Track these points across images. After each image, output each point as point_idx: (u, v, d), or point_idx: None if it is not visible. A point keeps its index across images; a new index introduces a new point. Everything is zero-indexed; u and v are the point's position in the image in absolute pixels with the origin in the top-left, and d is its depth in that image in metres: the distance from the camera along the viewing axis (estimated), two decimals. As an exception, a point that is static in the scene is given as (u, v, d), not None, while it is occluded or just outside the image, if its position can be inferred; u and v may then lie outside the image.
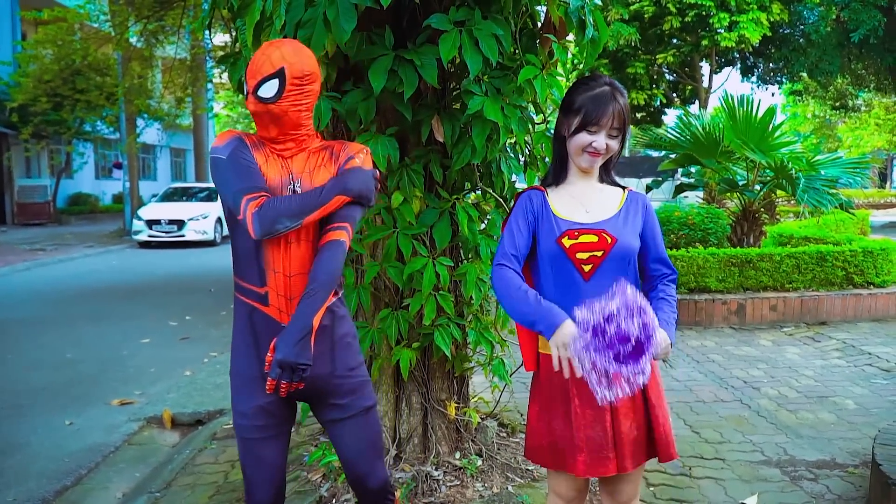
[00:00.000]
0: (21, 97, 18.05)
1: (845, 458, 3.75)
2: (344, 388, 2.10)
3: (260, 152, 2.01)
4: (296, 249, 2.00)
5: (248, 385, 2.04)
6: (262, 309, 2.01)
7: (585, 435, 1.95)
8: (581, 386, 1.93)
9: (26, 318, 8.02)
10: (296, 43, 2.00)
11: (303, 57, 1.96)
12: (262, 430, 2.05)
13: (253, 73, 1.94)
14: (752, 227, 8.27)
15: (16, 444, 4.24)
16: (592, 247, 1.96)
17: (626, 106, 2.00)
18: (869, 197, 30.01)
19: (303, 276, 2.00)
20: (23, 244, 16.08)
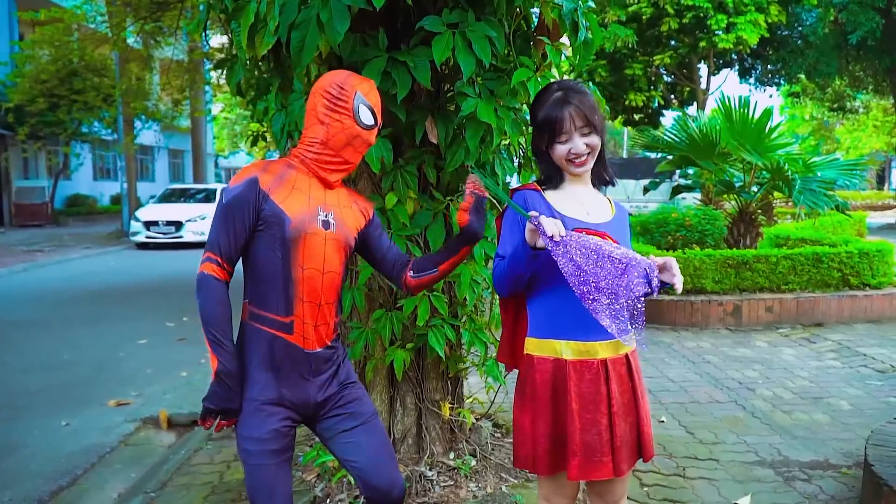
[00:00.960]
0: (17, 98, 18.04)
1: (839, 459, 3.77)
2: (351, 397, 2.14)
3: (286, 182, 2.02)
4: (329, 279, 2.05)
5: (264, 410, 2.01)
6: (285, 337, 2.01)
7: (582, 439, 1.93)
8: (580, 389, 1.94)
9: (23, 320, 8.03)
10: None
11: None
12: (276, 455, 2.02)
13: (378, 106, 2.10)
14: (748, 228, 8.28)
15: (12, 444, 4.25)
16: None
17: (584, 101, 1.99)
18: (866, 199, 30.04)
19: (331, 306, 2.08)
20: (20, 245, 16.08)
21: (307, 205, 2.02)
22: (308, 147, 2.06)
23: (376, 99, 2.10)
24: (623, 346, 2.00)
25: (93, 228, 21.62)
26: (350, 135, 2.03)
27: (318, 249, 2.02)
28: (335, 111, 2.01)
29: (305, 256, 2.00)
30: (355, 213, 2.16)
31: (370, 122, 2.06)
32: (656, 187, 10.92)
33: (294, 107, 2.73)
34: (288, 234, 1.97)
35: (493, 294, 3.32)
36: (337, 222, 2.07)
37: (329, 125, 2.02)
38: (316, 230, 2.01)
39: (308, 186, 2.05)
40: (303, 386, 2.06)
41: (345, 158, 2.07)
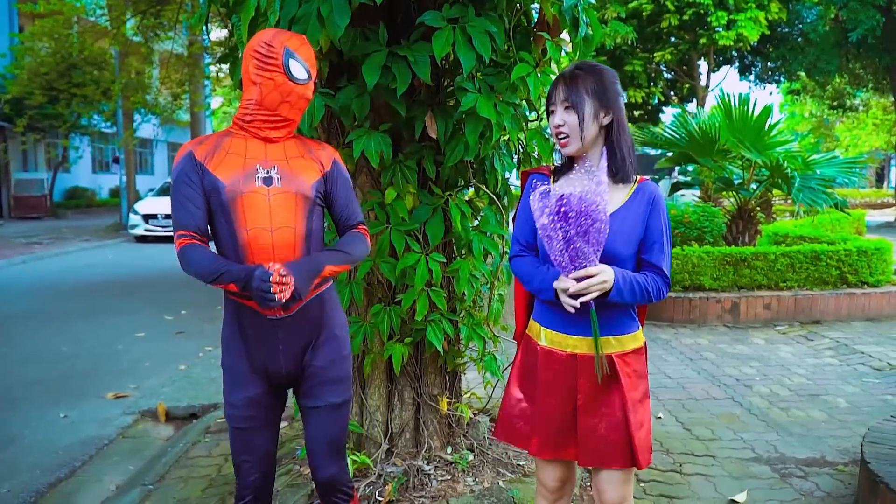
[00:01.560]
0: (16, 90, 18.01)
1: (835, 456, 3.78)
2: (319, 379, 2.16)
3: (220, 150, 2.03)
4: (280, 236, 2.02)
5: (237, 378, 2.11)
6: (249, 304, 2.04)
7: (544, 421, 2.03)
8: (547, 376, 2.02)
9: (22, 312, 8.03)
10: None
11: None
12: (251, 420, 2.12)
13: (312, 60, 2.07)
14: (747, 225, 8.29)
15: (10, 436, 4.25)
16: None
17: (577, 77, 1.95)
18: (865, 197, 30.04)
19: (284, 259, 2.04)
20: (19, 238, 16.07)
21: (242, 165, 2.02)
22: (244, 109, 2.05)
23: (308, 53, 2.06)
24: (605, 346, 1.98)
25: (91, 221, 21.61)
26: (283, 91, 2.01)
27: (262, 207, 2.00)
28: (266, 69, 1.99)
29: (247, 217, 1.99)
30: (309, 163, 2.11)
31: (303, 77, 2.03)
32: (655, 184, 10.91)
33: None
34: (224, 198, 1.99)
35: (491, 290, 3.32)
36: (282, 175, 2.04)
37: (261, 84, 2.00)
38: (254, 189, 2.00)
39: (244, 148, 2.05)
40: (272, 353, 2.09)
41: (282, 116, 2.05)
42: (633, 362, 2.03)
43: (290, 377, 2.15)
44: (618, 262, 1.95)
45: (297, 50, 2.02)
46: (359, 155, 2.75)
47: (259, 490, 2.20)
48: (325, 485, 2.24)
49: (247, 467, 2.16)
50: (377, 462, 3.15)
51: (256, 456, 2.15)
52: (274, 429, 2.20)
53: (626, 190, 2.01)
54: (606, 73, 2.00)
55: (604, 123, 1.98)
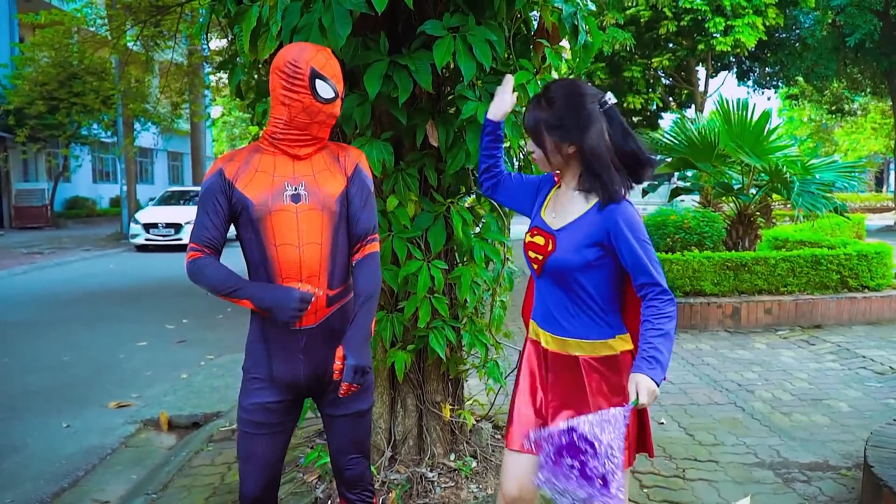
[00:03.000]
0: (17, 100, 18.05)
1: (838, 461, 3.78)
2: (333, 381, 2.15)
3: (250, 167, 2.06)
4: (309, 252, 2.05)
5: (254, 383, 2.15)
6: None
7: (518, 410, 2.13)
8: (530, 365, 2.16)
9: (23, 322, 8.03)
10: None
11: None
12: (258, 427, 2.14)
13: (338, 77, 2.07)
14: (747, 230, 8.31)
15: (12, 446, 4.26)
16: (539, 249, 2.04)
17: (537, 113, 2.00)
18: (865, 201, 30.07)
19: (315, 278, 2.07)
20: (20, 248, 16.08)
21: (270, 184, 2.04)
22: (274, 127, 2.07)
23: (334, 68, 2.05)
24: (568, 347, 2.05)
25: (92, 231, 21.63)
26: (312, 112, 2.02)
27: (290, 224, 2.03)
28: (293, 90, 1.99)
29: (276, 234, 2.03)
30: (335, 174, 2.12)
31: (329, 96, 2.03)
32: (655, 190, 10.94)
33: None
34: (254, 216, 2.03)
35: (493, 296, 3.33)
36: (310, 192, 2.06)
37: (290, 105, 2.01)
38: (283, 206, 2.03)
39: (272, 166, 2.07)
40: (293, 363, 2.11)
41: (312, 135, 2.07)
42: (606, 367, 2.02)
43: (310, 387, 2.17)
44: (565, 268, 1.98)
45: (322, 68, 2.01)
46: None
47: (258, 499, 2.20)
48: (354, 481, 2.28)
49: (247, 473, 2.18)
50: (381, 469, 3.15)
51: (258, 464, 2.16)
52: (281, 439, 2.20)
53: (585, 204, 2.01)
54: (570, 103, 1.97)
55: (568, 153, 1.99)
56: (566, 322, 2.04)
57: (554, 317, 2.06)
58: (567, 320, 2.04)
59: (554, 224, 2.05)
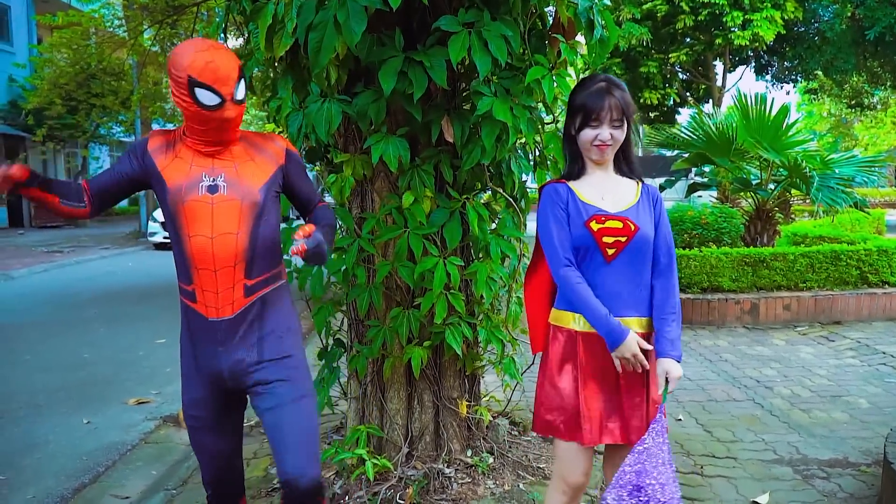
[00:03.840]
0: (36, 100, 18.22)
1: (858, 457, 3.74)
2: (273, 375, 2.11)
3: (172, 149, 2.08)
4: (221, 243, 2.03)
5: (185, 378, 2.21)
6: (192, 306, 2.08)
7: (591, 406, 2.12)
8: (588, 359, 2.13)
9: (43, 320, 8.12)
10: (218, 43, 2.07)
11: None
12: (197, 421, 2.20)
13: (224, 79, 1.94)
14: (765, 226, 8.23)
15: (34, 443, 4.31)
16: (617, 232, 2.09)
17: (623, 97, 2.11)
18: (885, 196, 29.71)
19: (230, 270, 2.04)
20: (40, 246, 16.26)
21: (187, 173, 2.03)
22: (184, 125, 2.08)
23: (217, 72, 1.91)
24: (638, 326, 2.14)
25: (111, 229, 21.82)
26: (201, 119, 1.97)
27: (204, 215, 2.02)
28: (179, 97, 1.97)
29: (190, 224, 2.02)
30: (260, 165, 2.10)
31: (213, 103, 1.93)
32: (672, 185, 10.87)
33: (311, 109, 2.75)
34: (168, 200, 2.04)
35: (509, 292, 3.33)
36: (229, 183, 2.04)
37: (185, 109, 1.99)
38: (198, 197, 2.02)
39: (191, 155, 2.06)
40: (214, 355, 2.10)
41: (211, 139, 2.03)
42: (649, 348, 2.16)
43: (234, 380, 2.12)
44: (649, 240, 2.14)
45: (200, 75, 1.90)
46: (377, 160, 2.77)
47: (216, 488, 2.28)
48: (304, 492, 2.05)
49: (202, 464, 2.26)
50: (398, 465, 3.16)
51: (206, 455, 2.24)
52: (225, 434, 2.22)
53: (634, 185, 2.22)
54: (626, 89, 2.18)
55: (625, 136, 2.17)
56: (638, 303, 2.15)
57: (625, 300, 2.13)
58: (639, 301, 2.15)
59: (618, 207, 2.13)
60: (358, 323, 3.28)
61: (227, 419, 2.24)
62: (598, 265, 2.12)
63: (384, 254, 3.09)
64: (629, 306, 2.14)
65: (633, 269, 2.14)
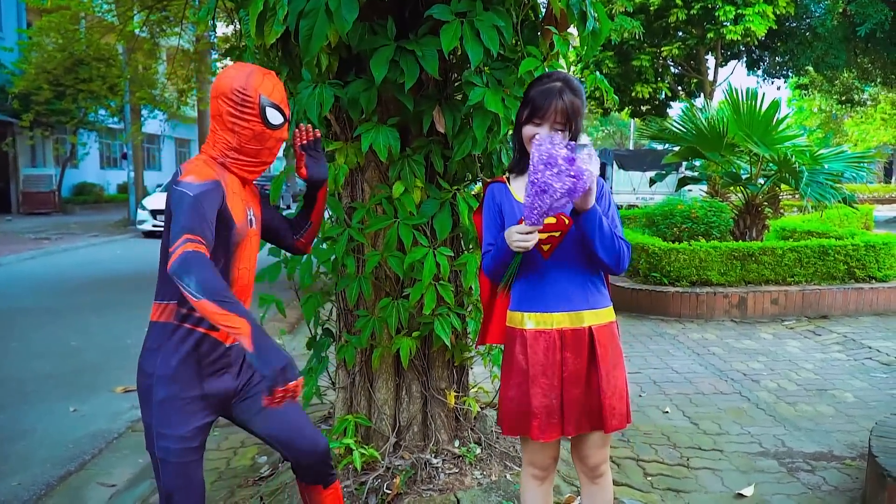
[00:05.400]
0: (23, 85, 18.05)
1: (843, 451, 3.77)
2: (256, 379, 2.19)
3: (227, 186, 2.03)
4: (252, 274, 2.16)
5: (188, 406, 2.03)
6: (211, 334, 2.04)
7: (540, 402, 2.13)
8: (538, 357, 2.14)
9: (31, 307, 8.07)
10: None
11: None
12: (196, 452, 2.05)
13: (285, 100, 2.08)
14: (754, 220, 8.27)
15: (21, 430, 4.29)
16: (551, 228, 2.10)
17: (573, 103, 2.08)
18: (873, 192, 29.92)
19: (247, 300, 2.16)
20: (28, 233, 16.14)
21: (243, 207, 2.08)
22: (223, 152, 2.05)
23: (281, 94, 2.07)
24: (584, 320, 2.15)
25: (100, 217, 21.68)
26: (262, 139, 2.04)
27: (250, 248, 2.11)
28: (242, 118, 1.99)
29: (242, 257, 2.08)
30: (259, 202, 2.23)
31: (279, 122, 2.05)
32: (662, 179, 10.91)
33: (303, 95, 2.73)
34: (233, 238, 2.03)
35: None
36: (255, 217, 2.15)
37: (239, 133, 2.01)
38: (248, 231, 2.09)
39: (240, 188, 2.10)
40: (222, 378, 2.11)
41: (262, 160, 2.09)
42: (608, 334, 2.19)
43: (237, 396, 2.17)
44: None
45: (271, 95, 2.02)
46: (367, 149, 2.76)
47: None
48: (324, 457, 2.26)
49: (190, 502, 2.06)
50: (385, 455, 3.17)
51: (198, 492, 2.07)
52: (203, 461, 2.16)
53: None
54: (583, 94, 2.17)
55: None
56: (580, 295, 2.16)
57: (567, 294, 2.15)
58: (581, 293, 2.16)
59: None
60: (347, 313, 3.27)
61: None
62: (537, 262, 2.15)
63: (374, 244, 3.09)
64: (556, 302, 2.14)
65: (572, 262, 2.16)
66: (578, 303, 2.15)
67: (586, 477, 2.33)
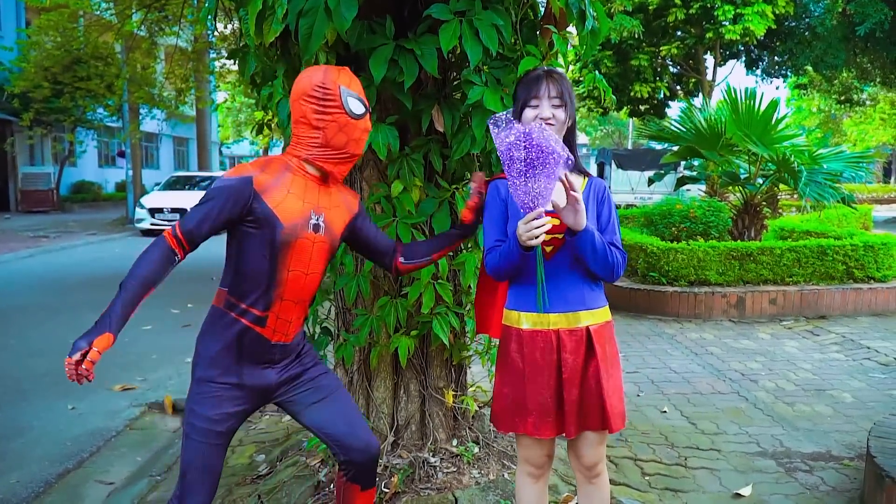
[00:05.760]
0: (22, 84, 18.02)
1: (841, 451, 3.78)
2: (315, 373, 2.26)
3: (282, 185, 2.05)
4: (311, 280, 2.14)
5: (222, 391, 2.09)
6: (257, 329, 2.08)
7: (535, 400, 2.15)
8: (534, 357, 2.15)
9: (29, 305, 8.07)
10: None
11: None
12: (220, 437, 2.09)
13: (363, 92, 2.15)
14: (753, 220, 8.28)
15: (19, 428, 4.29)
16: (555, 229, 2.08)
17: (563, 79, 2.14)
18: (872, 192, 29.93)
19: (306, 303, 2.17)
20: (26, 231, 16.13)
21: (301, 209, 2.07)
22: (309, 149, 2.08)
23: (359, 87, 2.14)
24: (581, 319, 2.16)
25: (98, 215, 21.67)
26: (348, 131, 2.08)
27: (306, 253, 2.09)
28: (326, 112, 2.04)
29: (293, 259, 2.07)
30: (342, 211, 2.21)
31: (361, 111, 2.10)
32: (661, 178, 10.91)
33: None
34: (279, 238, 2.02)
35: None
36: (326, 225, 2.13)
37: (325, 128, 2.05)
38: (307, 235, 2.08)
39: (304, 190, 2.09)
40: (264, 372, 2.14)
41: (350, 152, 2.12)
42: (606, 333, 2.21)
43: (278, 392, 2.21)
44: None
45: (349, 85, 2.08)
46: (366, 147, 2.75)
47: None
48: (374, 459, 2.29)
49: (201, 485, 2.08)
50: (383, 454, 3.16)
51: (213, 476, 2.11)
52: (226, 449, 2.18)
53: (580, 182, 2.22)
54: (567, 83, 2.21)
55: (568, 125, 2.19)
56: (577, 295, 2.17)
57: (565, 295, 2.16)
58: (578, 293, 2.17)
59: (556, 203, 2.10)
60: (345, 311, 3.27)
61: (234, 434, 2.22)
62: (535, 264, 2.14)
63: (372, 243, 3.08)
64: (565, 301, 2.15)
65: (569, 264, 2.16)
66: (575, 303, 2.16)
67: (583, 476, 2.33)
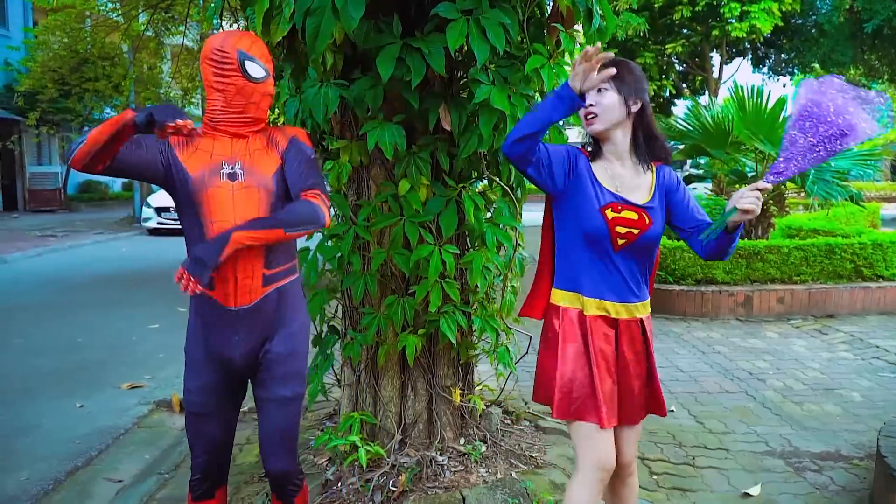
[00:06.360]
0: (28, 84, 18.08)
1: (850, 451, 3.76)
2: (272, 372, 2.22)
3: (191, 144, 2.12)
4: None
5: (194, 364, 2.21)
6: (209, 293, 2.12)
7: (603, 389, 2.11)
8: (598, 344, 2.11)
9: (37, 304, 8.10)
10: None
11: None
12: (203, 406, 2.21)
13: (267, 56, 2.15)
14: (760, 218, 8.24)
15: (27, 426, 4.30)
16: (632, 224, 2.09)
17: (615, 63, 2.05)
18: (881, 190, 29.78)
19: (248, 259, 2.09)
20: (34, 231, 16.19)
21: (208, 161, 2.10)
22: (212, 113, 2.12)
23: (261, 49, 2.14)
24: (637, 311, 2.18)
25: (105, 214, 21.73)
26: (246, 94, 2.09)
27: (226, 202, 2.08)
28: (224, 75, 2.07)
29: (213, 210, 2.08)
30: (270, 153, 2.17)
31: (261, 75, 2.10)
32: (668, 177, 10.84)
33: (308, 93, 2.73)
34: (191, 190, 2.07)
35: (504, 281, 3.33)
36: (245, 171, 2.12)
37: (224, 90, 2.08)
38: (220, 184, 2.09)
39: (211, 146, 2.13)
40: (227, 343, 2.16)
41: (251, 116, 2.13)
42: (648, 327, 2.24)
43: (247, 367, 2.22)
44: (659, 236, 2.16)
45: (249, 49, 2.09)
46: (373, 146, 2.75)
47: (206, 472, 2.29)
48: (275, 477, 2.30)
49: (197, 449, 2.27)
50: (390, 452, 3.17)
51: (203, 441, 2.25)
52: (226, 419, 2.28)
53: (650, 176, 2.18)
54: (634, 65, 2.17)
55: (633, 110, 2.12)
56: (635, 287, 2.18)
57: (629, 286, 2.16)
58: (639, 286, 2.19)
59: (635, 198, 2.12)
60: (353, 310, 3.27)
61: (228, 405, 2.29)
62: (603, 252, 2.13)
63: (380, 241, 3.08)
64: (618, 292, 2.15)
65: (635, 260, 2.17)
66: (634, 295, 2.18)
67: (617, 477, 2.27)
